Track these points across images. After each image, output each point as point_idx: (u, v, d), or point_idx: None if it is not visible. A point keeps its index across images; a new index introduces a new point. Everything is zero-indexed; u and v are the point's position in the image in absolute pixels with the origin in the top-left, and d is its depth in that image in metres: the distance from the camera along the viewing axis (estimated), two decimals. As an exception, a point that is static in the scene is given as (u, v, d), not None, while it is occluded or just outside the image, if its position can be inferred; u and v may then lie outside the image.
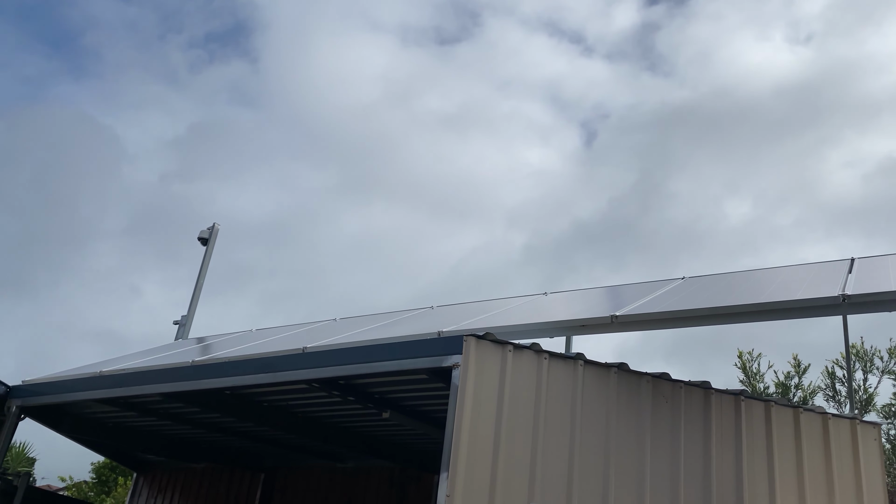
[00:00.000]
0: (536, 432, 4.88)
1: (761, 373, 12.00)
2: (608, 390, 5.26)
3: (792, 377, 11.32)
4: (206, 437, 9.14)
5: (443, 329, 6.00)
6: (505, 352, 5.00)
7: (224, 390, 6.63)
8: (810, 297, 4.72)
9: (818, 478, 5.69)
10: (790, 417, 5.78)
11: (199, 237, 12.90)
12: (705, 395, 5.57)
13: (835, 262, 6.43)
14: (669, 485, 5.19)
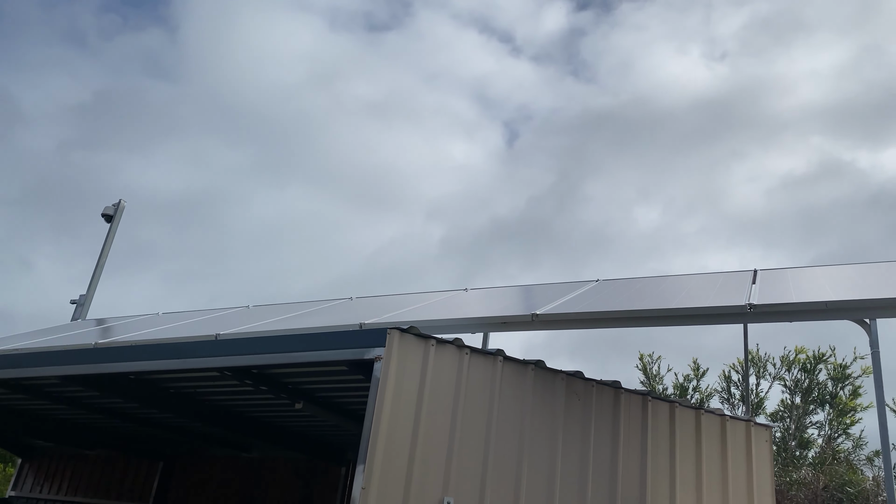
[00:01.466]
0: (454, 426, 4.92)
1: (661, 374, 12.57)
2: (525, 387, 5.36)
3: (691, 380, 11.90)
4: (102, 422, 8.72)
5: (364, 321, 5.95)
6: (428, 346, 5.01)
7: (128, 375, 6.34)
8: (720, 305, 4.97)
9: (714, 475, 6.01)
10: (692, 418, 6.08)
11: (103, 213, 12.25)
12: (615, 395, 5.77)
13: (739, 273, 6.79)
14: (578, 479, 5.35)
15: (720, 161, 29.53)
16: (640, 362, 12.97)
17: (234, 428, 7.89)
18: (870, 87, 26.17)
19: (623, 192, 31.21)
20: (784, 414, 10.17)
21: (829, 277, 5.72)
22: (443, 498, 4.76)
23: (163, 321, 8.38)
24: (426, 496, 4.68)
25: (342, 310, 7.26)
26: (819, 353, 10.05)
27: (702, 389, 11.06)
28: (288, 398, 6.43)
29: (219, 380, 6.35)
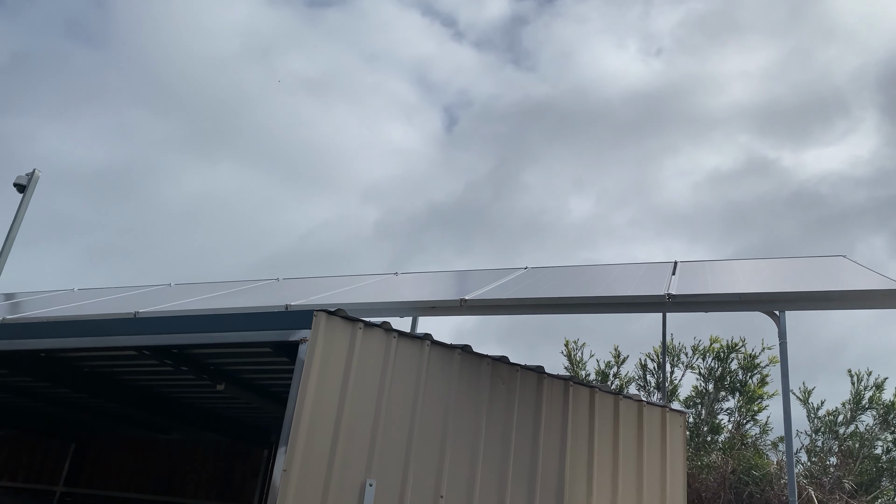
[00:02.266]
0: (379, 409, 4.92)
1: (584, 361, 12.90)
2: (451, 370, 5.41)
3: (612, 366, 12.24)
4: (10, 401, 8.32)
5: (291, 303, 5.87)
6: (355, 329, 4.98)
7: (39, 352, 6.06)
8: (641, 294, 5.13)
9: (630, 458, 6.23)
10: (611, 403, 6.26)
11: (15, 183, 11.61)
12: (539, 379, 5.88)
13: (661, 264, 7.02)
14: (500, 461, 5.45)
15: (652, 155, 30.44)
16: (566, 348, 13.23)
17: (153, 409, 7.68)
18: (796, 88, 27.44)
19: (559, 182, 31.77)
20: (697, 400, 10.61)
21: (744, 271, 5.98)
22: (365, 480, 4.77)
23: (78, 297, 8.05)
24: (348, 479, 4.67)
25: (268, 291, 7.14)
26: (732, 343, 10.51)
27: (621, 376, 11.40)
28: (210, 379, 6.29)
29: (137, 359, 6.15)
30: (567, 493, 5.73)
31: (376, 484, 4.81)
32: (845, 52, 26.36)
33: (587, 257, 29.63)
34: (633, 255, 31.16)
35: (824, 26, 26.12)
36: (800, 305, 4.75)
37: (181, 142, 31.38)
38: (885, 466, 8.46)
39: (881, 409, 8.96)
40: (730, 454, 8.33)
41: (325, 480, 4.56)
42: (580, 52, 31.27)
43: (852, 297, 4.56)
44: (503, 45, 34.09)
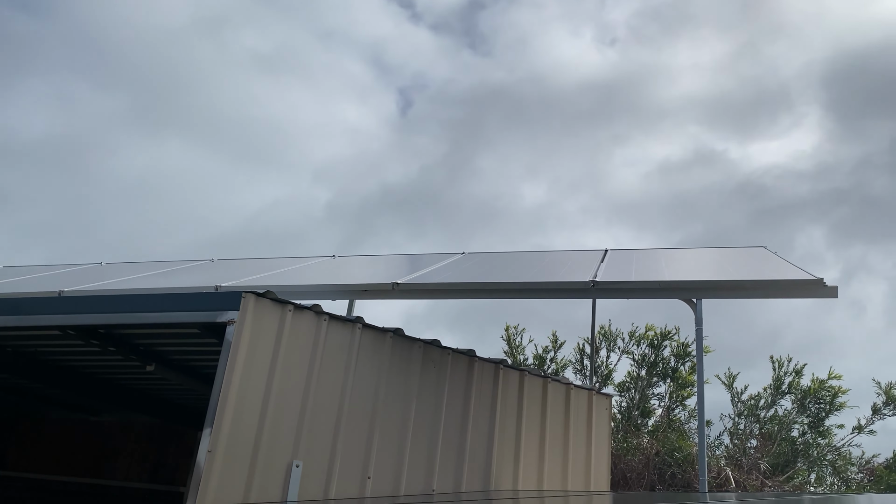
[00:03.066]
0: (308, 391, 4.94)
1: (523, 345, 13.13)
2: (382, 354, 5.46)
3: (549, 351, 12.49)
4: (-71, 383, 8.04)
5: (221, 284, 5.82)
6: (284, 311, 4.98)
7: (-43, 332, 5.87)
8: (567, 281, 5.27)
9: (557, 439, 6.41)
10: (539, 386, 6.42)
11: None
12: (470, 362, 5.99)
13: (592, 252, 7.19)
14: (429, 443, 5.54)
15: (604, 144, 30.93)
16: (506, 333, 13.42)
17: (81, 390, 7.52)
18: (744, 82, 28.22)
19: (512, 168, 31.99)
20: (630, 385, 10.93)
21: (668, 259, 6.19)
22: (292, 461, 4.79)
23: (4, 275, 7.80)
24: (275, 460, 4.69)
25: (201, 271, 7.06)
26: (665, 331, 10.85)
27: (558, 360, 11.66)
28: (139, 360, 6.20)
29: (62, 339, 6.02)
30: (494, 473, 5.87)
31: (303, 465, 4.84)
32: (792, 48, 27.23)
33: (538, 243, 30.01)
34: (582, 241, 31.69)
35: (773, 22, 26.90)
36: (715, 294, 4.95)
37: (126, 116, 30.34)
38: (800, 448, 8.89)
39: (799, 394, 9.40)
40: (655, 437, 8.63)
41: (251, 461, 4.57)
42: (536, 39, 31.47)
43: (766, 287, 4.78)
44: (460, 29, 34.00)
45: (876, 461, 8.94)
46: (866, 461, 8.96)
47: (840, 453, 8.97)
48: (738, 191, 27.24)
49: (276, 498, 4.70)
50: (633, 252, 6.86)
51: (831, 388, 9.18)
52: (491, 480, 5.85)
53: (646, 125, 30.13)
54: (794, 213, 25.72)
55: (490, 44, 33.43)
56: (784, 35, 26.54)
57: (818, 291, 4.65)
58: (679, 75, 28.78)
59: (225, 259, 7.97)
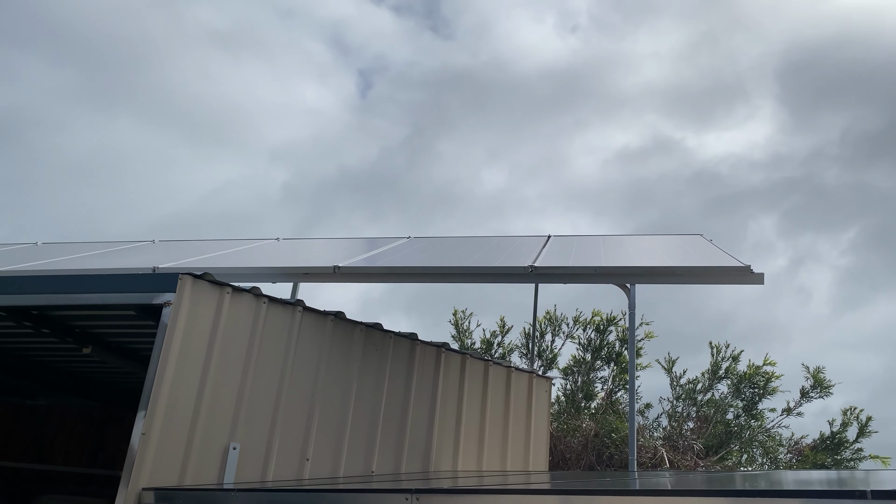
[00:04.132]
0: (246, 374, 4.93)
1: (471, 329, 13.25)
2: (323, 337, 5.47)
3: (497, 335, 12.63)
4: None
5: (160, 265, 5.73)
6: (223, 293, 4.94)
7: None
8: (506, 266, 5.35)
9: (497, 421, 6.52)
10: (481, 369, 6.52)
11: None
12: (411, 346, 6.04)
13: (536, 237, 7.30)
14: (369, 426, 5.59)
15: (564, 130, 31.24)
16: (454, 317, 13.51)
17: (15, 374, 7.34)
18: (703, 72, 28.78)
19: (473, 152, 32.04)
20: (575, 369, 11.15)
21: (607, 246, 6.33)
22: (229, 444, 4.78)
23: (-68, 255, 7.54)
24: (212, 442, 4.67)
25: (141, 252, 6.93)
26: (611, 316, 11.08)
27: (504, 345, 11.81)
28: (75, 343, 6.09)
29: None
30: (434, 455, 5.95)
31: (241, 447, 4.83)
32: (749, 40, 27.87)
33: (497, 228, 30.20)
34: (541, 227, 32.06)
35: (732, 14, 27.48)
36: (648, 279, 5.09)
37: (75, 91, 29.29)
38: (734, 430, 9.23)
39: (735, 378, 9.74)
40: (595, 419, 8.84)
41: (186, 444, 4.54)
42: (498, 24, 31.48)
43: (696, 273, 4.93)
44: (422, 12, 33.77)
45: (804, 442, 9.35)
46: (795, 442, 9.37)
47: (770, 435, 9.35)
48: (693, 178, 27.86)
49: (213, 480, 4.69)
50: (574, 238, 6.98)
51: (766, 373, 9.54)
52: (431, 461, 5.93)
53: (605, 112, 30.52)
54: (748, 201, 26.45)
55: (452, 27, 33.32)
56: (742, 27, 27.15)
57: (745, 278, 4.82)
58: (639, 64, 29.21)
59: (167, 240, 7.84)
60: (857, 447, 9.06)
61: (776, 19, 26.85)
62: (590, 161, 31.15)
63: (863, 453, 8.98)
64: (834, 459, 8.91)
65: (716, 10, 27.87)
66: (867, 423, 9.11)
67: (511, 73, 30.45)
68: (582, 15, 31.60)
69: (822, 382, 9.29)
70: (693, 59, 28.48)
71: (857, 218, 25.10)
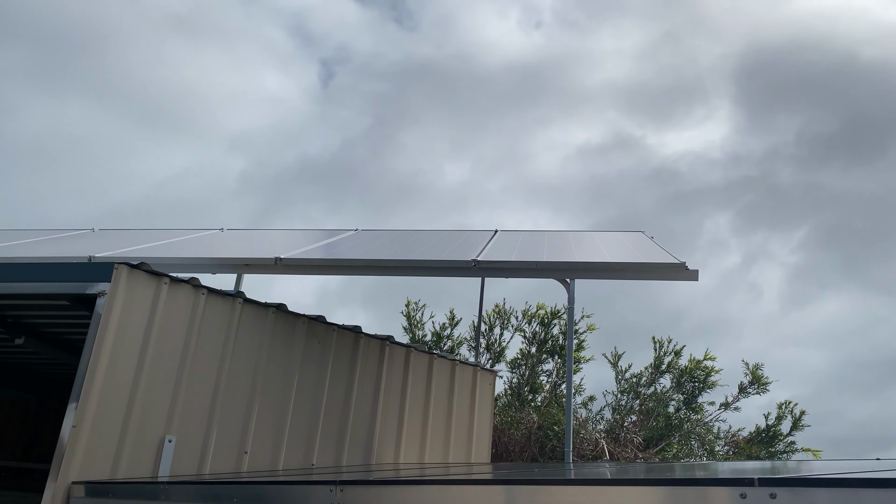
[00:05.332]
0: (184, 366, 4.86)
1: (423, 322, 13.27)
2: (264, 329, 5.42)
3: (446, 328, 12.68)
4: None
5: (96, 254, 5.60)
6: (160, 284, 4.86)
7: None
8: (450, 259, 5.37)
9: (441, 413, 6.56)
10: (425, 362, 6.55)
11: None
12: (355, 339, 6.03)
13: (483, 231, 7.35)
14: (310, 417, 5.56)
15: (527, 125, 31.42)
16: (406, 309, 13.51)
17: (-56, 364, 7.10)
18: (664, 71, 29.27)
19: (436, 145, 31.98)
20: (522, 362, 11.27)
21: (551, 241, 6.41)
22: (165, 436, 4.71)
23: None
24: (146, 435, 4.60)
25: (79, 240, 6.75)
26: (555, 310, 11.21)
27: (454, 338, 11.86)
28: (7, 333, 5.91)
29: (-82, 310, 5.65)
30: (376, 448, 5.96)
31: (177, 440, 4.77)
32: (709, 42, 28.46)
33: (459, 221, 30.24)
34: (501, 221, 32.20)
35: (693, 15, 28.00)
36: (587, 274, 5.18)
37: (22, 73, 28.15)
38: (675, 423, 9.46)
39: (676, 372, 9.98)
40: (538, 412, 8.97)
41: (119, 436, 4.46)
42: (463, 18, 31.47)
43: (633, 269, 5.04)
44: (387, 3, 33.51)
45: (741, 435, 9.64)
46: (732, 435, 9.65)
47: (708, 427, 9.62)
48: (652, 176, 28.38)
49: (147, 474, 4.62)
50: (520, 233, 7.05)
51: (706, 367, 9.80)
52: (373, 454, 5.94)
53: (568, 109, 30.82)
54: (705, 199, 27.04)
55: (416, 19, 33.18)
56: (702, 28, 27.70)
57: (681, 274, 4.95)
58: (602, 61, 29.56)
59: (107, 229, 7.64)
60: (791, 440, 9.39)
61: (735, 21, 27.50)
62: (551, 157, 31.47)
63: (795, 446, 9.32)
64: (768, 452, 9.22)
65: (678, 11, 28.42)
66: (800, 417, 9.44)
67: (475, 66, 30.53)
68: (546, 11, 31.86)
69: (759, 378, 9.59)
70: (654, 58, 28.99)
71: (808, 217, 25.95)
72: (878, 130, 25.81)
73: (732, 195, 26.72)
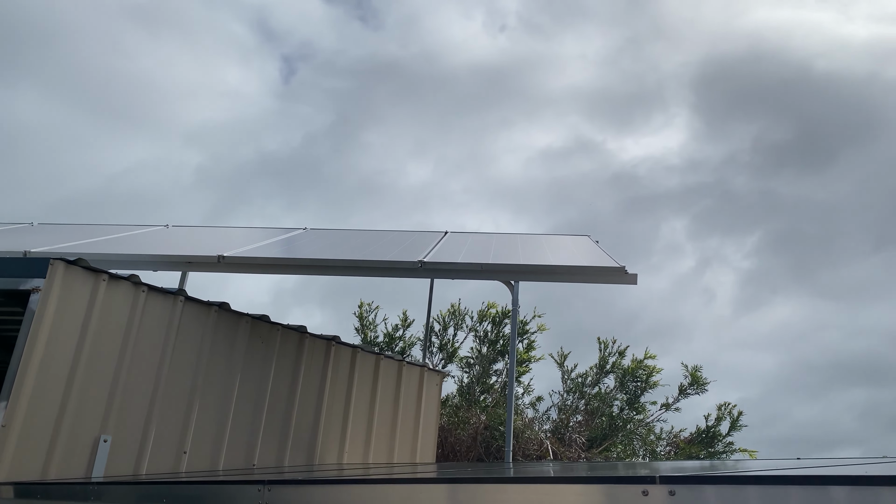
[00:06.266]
0: (121, 365, 4.78)
1: (376, 323, 13.25)
2: (206, 328, 5.36)
3: (399, 329, 12.68)
4: None
5: (32, 249, 5.46)
6: (98, 280, 4.77)
7: None
8: (396, 260, 5.39)
9: (386, 413, 6.57)
10: (372, 362, 6.55)
11: None
12: (300, 339, 6.00)
13: (433, 233, 7.39)
14: (252, 417, 5.52)
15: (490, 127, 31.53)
16: (359, 310, 13.46)
17: None
18: (625, 77, 29.69)
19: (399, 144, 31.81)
20: (474, 362, 11.34)
21: (499, 243, 6.48)
22: (100, 436, 4.63)
23: None
24: (80, 435, 4.51)
25: (16, 235, 6.57)
26: (506, 310, 11.32)
27: (406, 339, 11.87)
28: (-64, 329, 5.72)
29: None
30: (319, 449, 5.94)
31: (112, 440, 4.68)
32: (670, 50, 29.00)
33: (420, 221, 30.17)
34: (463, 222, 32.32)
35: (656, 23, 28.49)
36: (530, 277, 5.26)
37: (-32, 60, 27.10)
38: (618, 424, 9.64)
39: (620, 373, 10.17)
40: (487, 412, 9.04)
41: (52, 436, 4.37)
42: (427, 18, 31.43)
43: (574, 272, 5.14)
44: (351, 1, 33.22)
45: (682, 435, 9.88)
46: (674, 435, 9.88)
47: (649, 428, 9.83)
48: (612, 180, 28.79)
49: (80, 474, 4.52)
50: (469, 235, 7.11)
51: (647, 367, 10.02)
52: (316, 455, 5.92)
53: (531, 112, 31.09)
54: (662, 204, 27.57)
55: (381, 18, 33.03)
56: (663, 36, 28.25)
57: (621, 278, 5.06)
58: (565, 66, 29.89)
59: (48, 223, 7.45)
60: (729, 440, 9.66)
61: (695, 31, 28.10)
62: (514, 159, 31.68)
63: (733, 446, 9.59)
64: (708, 452, 9.47)
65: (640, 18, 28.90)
66: (738, 419, 9.72)
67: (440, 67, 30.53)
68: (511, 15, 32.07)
69: (699, 380, 9.85)
70: (617, 64, 29.43)
71: (761, 223, 26.64)
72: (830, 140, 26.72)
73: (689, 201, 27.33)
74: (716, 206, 26.91)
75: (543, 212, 28.25)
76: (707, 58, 28.19)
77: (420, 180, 30.68)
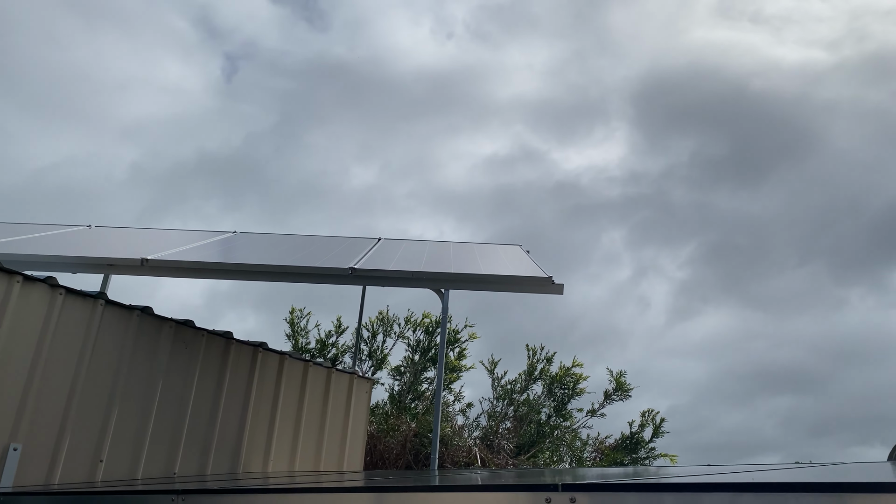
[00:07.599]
0: (34, 370, 4.60)
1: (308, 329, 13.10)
2: (127, 332, 5.21)
3: (332, 335, 12.58)
4: None
5: (-60, 247, 5.19)
6: (11, 282, 4.58)
7: None
8: (326, 266, 5.37)
9: (314, 420, 6.51)
10: (300, 369, 6.48)
11: None
12: (226, 344, 5.90)
13: (366, 239, 7.38)
14: (174, 424, 5.39)
15: (436, 134, 31.58)
16: (290, 315, 13.29)
17: None
18: (570, 89, 30.25)
19: (344, 147, 31.47)
20: (405, 370, 11.35)
21: (432, 251, 6.52)
22: (9, 445, 4.44)
23: None
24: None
25: (-77, 233, 6.24)
26: (439, 319, 11.38)
27: (339, 346, 11.78)
28: None
29: None
30: (243, 456, 5.84)
31: (23, 448, 4.50)
32: (613, 64, 29.69)
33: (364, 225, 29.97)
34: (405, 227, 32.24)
35: (600, 37, 29.14)
36: (460, 285, 5.32)
37: None
38: (546, 430, 9.82)
39: (548, 380, 10.37)
40: (416, 419, 9.06)
41: (-44, 445, 4.17)
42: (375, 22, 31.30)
43: (503, 281, 5.23)
44: (298, 2, 32.75)
45: (608, 442, 10.13)
46: (600, 442, 10.13)
47: (576, 434, 10.04)
48: (555, 189, 29.29)
49: (-13, 485, 4.33)
50: (402, 242, 7.13)
51: (574, 374, 10.24)
52: (240, 463, 5.82)
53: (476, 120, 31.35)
54: (602, 213, 28.20)
55: (328, 20, 32.73)
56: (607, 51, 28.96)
57: (547, 288, 5.18)
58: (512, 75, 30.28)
59: (-41, 221, 7.09)
60: (652, 446, 9.96)
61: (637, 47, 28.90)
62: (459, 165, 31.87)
63: (655, 452, 9.88)
64: (631, 458, 9.73)
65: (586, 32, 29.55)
66: (661, 425, 10.03)
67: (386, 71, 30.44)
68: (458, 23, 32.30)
69: (622, 385, 10.12)
70: (562, 76, 29.99)
71: (696, 234, 27.55)
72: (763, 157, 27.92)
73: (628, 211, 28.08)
74: (653, 218, 27.77)
75: (487, 219, 28.54)
76: (648, 73, 29.10)
77: (364, 184, 30.53)
